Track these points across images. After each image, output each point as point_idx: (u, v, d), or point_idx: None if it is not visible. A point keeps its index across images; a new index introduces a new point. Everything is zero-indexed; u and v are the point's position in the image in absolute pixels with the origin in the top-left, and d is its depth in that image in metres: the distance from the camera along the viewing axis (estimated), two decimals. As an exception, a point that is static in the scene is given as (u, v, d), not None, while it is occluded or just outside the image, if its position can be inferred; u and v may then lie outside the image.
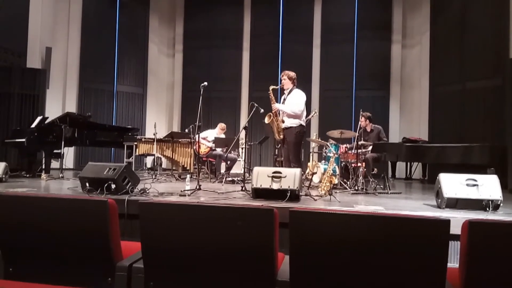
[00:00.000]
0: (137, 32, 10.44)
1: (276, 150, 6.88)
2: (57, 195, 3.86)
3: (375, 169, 5.86)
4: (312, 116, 6.61)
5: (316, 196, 4.12)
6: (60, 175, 5.98)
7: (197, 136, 5.02)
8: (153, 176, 6.23)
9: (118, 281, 1.81)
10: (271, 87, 4.95)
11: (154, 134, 6.56)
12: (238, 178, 5.85)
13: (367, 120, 5.99)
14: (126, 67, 10.30)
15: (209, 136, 7.04)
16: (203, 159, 6.98)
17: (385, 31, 9.54)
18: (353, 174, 5.35)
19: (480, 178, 3.46)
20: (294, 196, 3.69)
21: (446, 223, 1.49)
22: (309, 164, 7.03)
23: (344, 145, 5.99)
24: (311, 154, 7.44)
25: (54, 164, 6.57)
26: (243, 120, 10.06)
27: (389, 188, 5.00)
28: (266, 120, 4.93)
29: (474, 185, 3.42)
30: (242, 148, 7.37)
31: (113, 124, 9.67)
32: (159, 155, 7.14)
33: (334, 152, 5.73)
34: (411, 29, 9.53)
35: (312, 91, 9.70)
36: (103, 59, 9.99)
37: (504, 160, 6.04)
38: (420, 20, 9.30)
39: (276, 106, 4.96)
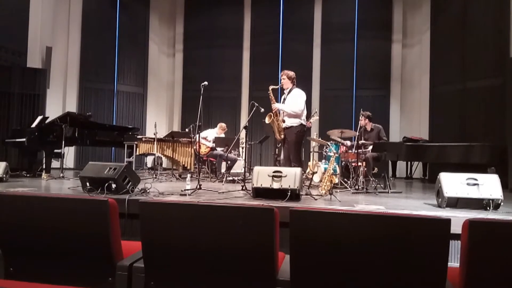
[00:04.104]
0: (137, 32, 10.44)
1: (277, 150, 6.88)
2: (57, 194, 3.85)
3: (376, 169, 5.86)
4: (313, 116, 6.57)
5: (316, 195, 4.12)
6: (61, 175, 5.98)
7: (197, 136, 5.02)
8: (154, 176, 6.23)
9: (118, 280, 1.82)
10: (271, 87, 4.95)
11: (154, 134, 6.57)
12: (239, 178, 5.85)
13: (367, 119, 5.99)
14: (126, 66, 10.30)
15: (209, 136, 7.04)
16: (204, 158, 6.98)
17: (386, 31, 9.54)
18: (354, 173, 5.35)
19: (480, 177, 3.46)
20: (294, 195, 3.69)
21: (447, 222, 1.49)
22: (310, 163, 7.04)
23: (345, 143, 5.99)
24: (311, 153, 7.44)
25: (55, 163, 6.57)
26: (244, 120, 10.06)
27: (390, 187, 5.00)
28: (267, 120, 4.93)
29: (475, 184, 3.42)
30: (243, 148, 7.37)
31: (114, 123, 9.68)
32: (160, 155, 7.14)
33: (335, 151, 5.73)
34: (411, 28, 9.53)
35: (313, 91, 9.71)
36: (104, 58, 9.99)
37: (504, 160, 6.04)
38: (421, 19, 9.30)
39: (276, 105, 4.96)
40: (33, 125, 6.31)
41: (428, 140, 8.12)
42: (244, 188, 4.45)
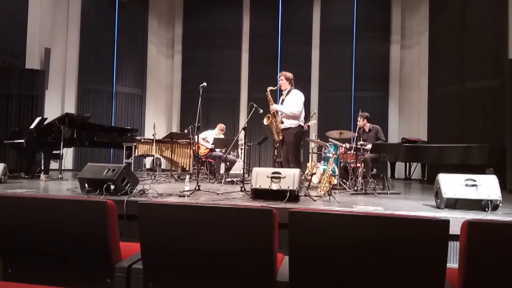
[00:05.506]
0: (136, 33, 10.44)
1: (275, 151, 6.87)
2: (56, 196, 3.84)
3: (374, 170, 5.86)
4: (311, 118, 6.52)
5: (315, 196, 4.12)
6: (59, 176, 5.97)
7: (196, 137, 5.02)
8: (152, 177, 6.23)
9: (117, 282, 1.81)
10: (269, 88, 4.94)
11: (153, 135, 6.56)
12: (238, 179, 5.84)
13: (365, 120, 6.00)
14: (125, 68, 10.29)
15: (208, 137, 7.04)
16: (202, 159, 6.98)
17: (384, 32, 9.56)
18: (352, 174, 5.35)
19: (479, 178, 3.46)
20: (293, 196, 3.69)
21: (445, 223, 1.49)
22: (308, 164, 7.03)
23: (344, 145, 5.98)
24: (310, 154, 7.44)
25: (53, 165, 6.56)
26: (242, 121, 10.06)
27: (388, 188, 5.00)
28: (265, 122, 4.93)
29: (473, 185, 3.42)
30: (242, 149, 7.36)
31: (112, 125, 9.67)
32: (158, 156, 7.13)
33: (333, 152, 5.73)
34: (410, 29, 9.55)
35: (312, 92, 9.72)
36: (102, 59, 9.98)
37: (503, 161, 6.05)
38: (419, 20, 9.32)
39: (274, 107, 4.95)
40: (32, 126, 6.30)
41: (426, 141, 8.13)
42: (243, 189, 4.45)
